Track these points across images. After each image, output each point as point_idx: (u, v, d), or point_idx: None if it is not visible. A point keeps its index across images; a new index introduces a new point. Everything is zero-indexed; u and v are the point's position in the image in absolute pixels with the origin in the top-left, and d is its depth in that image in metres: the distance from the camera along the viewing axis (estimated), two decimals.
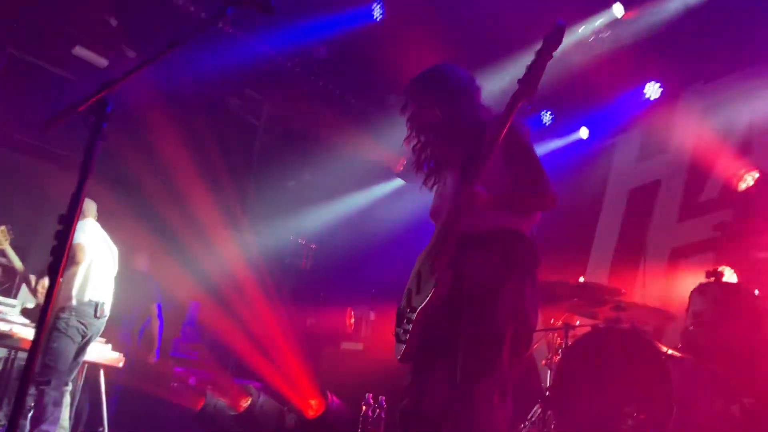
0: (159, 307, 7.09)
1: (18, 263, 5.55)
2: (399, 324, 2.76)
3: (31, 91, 7.04)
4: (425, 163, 2.99)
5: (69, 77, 7.29)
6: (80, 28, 6.95)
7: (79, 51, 7.10)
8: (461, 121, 2.81)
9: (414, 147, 2.99)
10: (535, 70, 2.59)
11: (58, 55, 7.15)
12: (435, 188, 3.00)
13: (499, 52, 7.05)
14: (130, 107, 6.90)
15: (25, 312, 5.19)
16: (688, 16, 6.27)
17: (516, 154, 2.70)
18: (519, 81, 2.60)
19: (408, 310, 2.71)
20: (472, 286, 2.59)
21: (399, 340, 2.75)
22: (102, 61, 7.23)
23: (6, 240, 5.43)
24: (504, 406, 2.46)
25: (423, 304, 2.61)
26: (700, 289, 4.70)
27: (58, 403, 4.70)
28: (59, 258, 1.92)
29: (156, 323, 6.99)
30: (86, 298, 4.91)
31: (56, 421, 4.67)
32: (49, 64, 7.20)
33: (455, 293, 2.61)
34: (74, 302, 4.85)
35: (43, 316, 1.93)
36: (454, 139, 2.83)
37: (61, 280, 1.94)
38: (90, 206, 5.24)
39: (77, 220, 1.99)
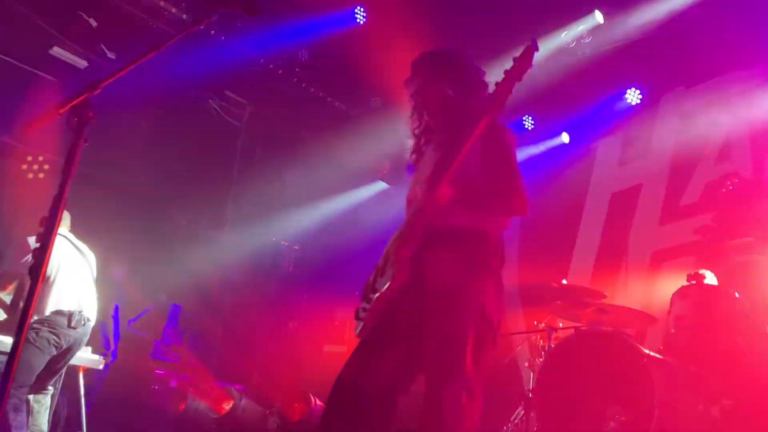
0: (116, 308, 6.97)
1: None
2: (362, 300, 2.75)
3: (8, 90, 6.95)
4: (423, 147, 2.91)
5: (47, 77, 7.21)
6: (59, 29, 6.87)
7: (57, 51, 7.02)
8: (467, 111, 2.73)
9: (414, 129, 2.92)
10: (503, 89, 2.53)
11: (36, 56, 7.07)
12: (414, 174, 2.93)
13: (480, 56, 7.06)
14: (112, 108, 6.84)
15: None
16: (667, 22, 6.33)
17: (494, 156, 2.67)
18: (486, 97, 2.57)
19: (371, 290, 2.71)
20: (436, 286, 2.59)
21: (357, 317, 2.74)
22: (81, 62, 7.16)
23: None
24: (472, 406, 2.45)
25: (381, 292, 2.63)
26: (681, 293, 4.74)
27: (18, 408, 4.60)
28: (40, 261, 1.91)
29: (110, 323, 6.86)
30: (47, 311, 4.75)
31: (22, 426, 4.58)
32: (26, 64, 7.11)
33: (419, 289, 2.60)
34: (35, 315, 4.71)
35: (22, 323, 1.91)
36: (454, 126, 2.74)
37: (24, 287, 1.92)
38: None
39: (59, 223, 1.97)
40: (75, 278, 5.02)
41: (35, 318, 4.67)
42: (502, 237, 2.74)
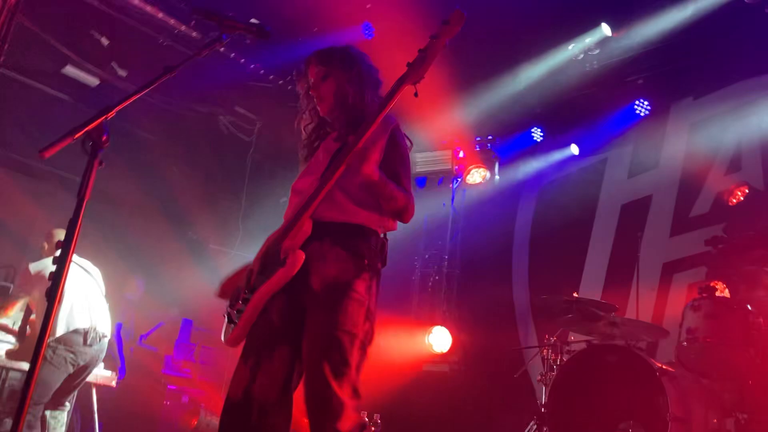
0: (118, 327, 6.97)
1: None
2: (232, 305, 2.65)
3: (21, 109, 7.04)
4: (315, 142, 2.87)
5: (60, 96, 7.29)
6: (71, 48, 6.95)
7: (70, 70, 7.10)
8: (364, 106, 2.72)
9: (306, 126, 2.89)
10: (427, 55, 2.48)
11: (49, 74, 7.15)
12: (305, 164, 2.88)
13: (486, 70, 7.11)
14: (122, 125, 6.92)
15: (9, 354, 5.08)
16: (675, 33, 6.34)
17: (395, 159, 2.66)
18: (408, 64, 2.49)
19: (246, 290, 2.61)
20: (323, 281, 2.51)
21: (230, 321, 2.63)
22: (93, 80, 7.23)
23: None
24: (358, 406, 2.41)
25: (263, 285, 2.54)
26: (693, 305, 4.72)
27: (31, 426, 4.63)
28: (57, 283, 1.93)
29: (113, 342, 6.85)
30: (58, 332, 4.75)
31: None
32: (39, 82, 7.20)
33: (302, 283, 2.52)
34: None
35: (39, 342, 1.94)
36: (352, 119, 2.71)
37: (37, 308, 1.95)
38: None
39: (74, 246, 1.99)
40: (83, 296, 5.06)
41: (49, 339, 4.70)
42: (386, 238, 2.69)
